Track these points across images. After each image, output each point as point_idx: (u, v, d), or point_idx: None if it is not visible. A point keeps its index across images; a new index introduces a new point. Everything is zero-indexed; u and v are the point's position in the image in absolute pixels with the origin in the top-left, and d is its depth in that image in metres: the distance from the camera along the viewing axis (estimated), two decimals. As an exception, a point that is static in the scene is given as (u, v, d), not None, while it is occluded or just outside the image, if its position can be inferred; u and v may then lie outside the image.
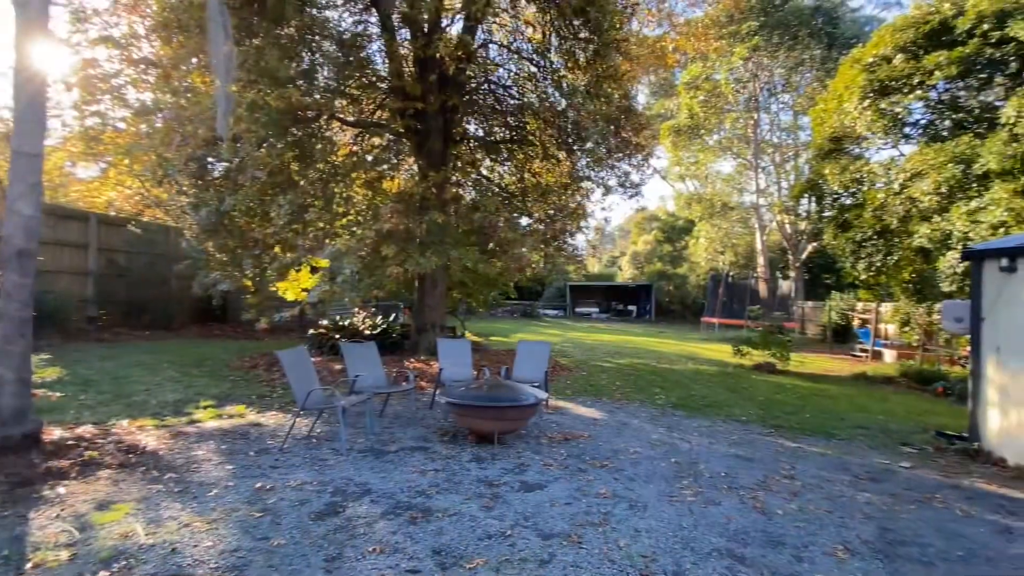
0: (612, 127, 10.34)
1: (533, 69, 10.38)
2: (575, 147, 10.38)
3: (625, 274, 39.38)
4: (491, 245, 9.96)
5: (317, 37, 9.02)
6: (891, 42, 11.33)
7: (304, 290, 10.33)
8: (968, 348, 13.25)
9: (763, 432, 6.74)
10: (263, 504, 3.96)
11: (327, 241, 9.07)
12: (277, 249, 10.31)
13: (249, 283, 11.00)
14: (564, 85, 9.33)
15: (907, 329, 14.65)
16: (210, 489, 4.20)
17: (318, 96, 8.84)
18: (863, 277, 12.78)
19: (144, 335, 13.12)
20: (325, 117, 9.92)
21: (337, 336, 10.67)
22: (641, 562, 3.28)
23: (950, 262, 10.31)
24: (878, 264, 12.22)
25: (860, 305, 22.06)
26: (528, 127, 11.22)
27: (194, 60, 8.91)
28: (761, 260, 26.31)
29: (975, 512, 4.30)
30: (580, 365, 11.89)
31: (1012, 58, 9.85)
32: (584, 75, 9.27)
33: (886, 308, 16.34)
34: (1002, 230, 9.18)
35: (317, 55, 8.95)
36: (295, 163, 9.50)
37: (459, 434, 5.90)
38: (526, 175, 12.17)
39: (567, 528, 3.70)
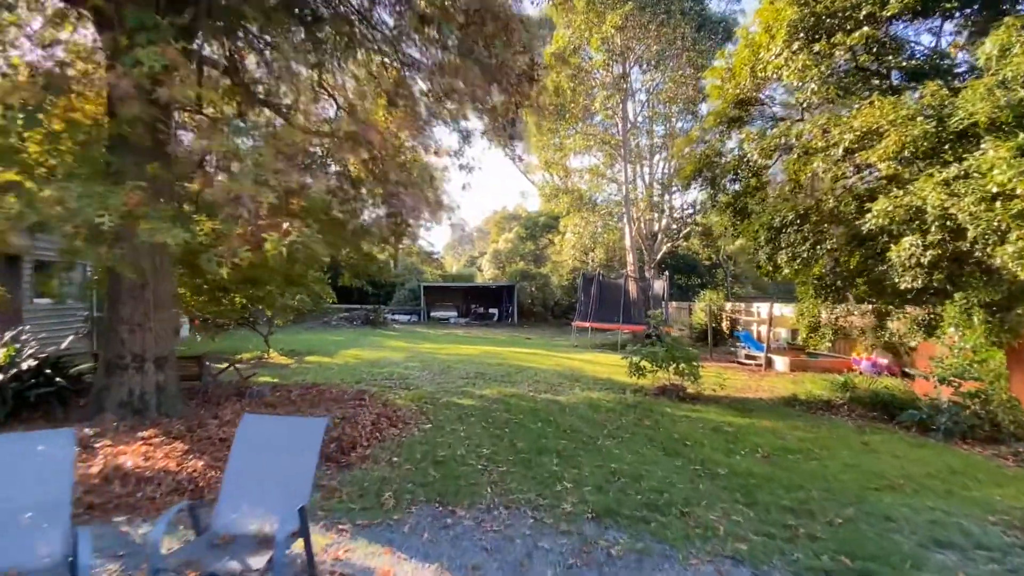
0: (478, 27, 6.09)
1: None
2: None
3: (486, 274, 35.74)
4: (194, 185, 4.93)
5: None
6: (831, -37, 8.72)
7: None
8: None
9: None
10: None
11: None
12: None
13: None
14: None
15: (815, 334, 12.57)
16: None
17: None
18: (785, 271, 10.18)
19: None
20: None
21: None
22: None
23: (910, 249, 7.76)
24: (804, 254, 9.60)
25: (729, 305, 20.68)
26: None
27: None
28: (631, 258, 24.18)
29: None
30: (424, 405, 7.55)
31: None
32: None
33: (786, 309, 14.39)
34: (998, 202, 6.69)
35: None
36: None
37: None
38: (344, 111, 7.42)
39: None
